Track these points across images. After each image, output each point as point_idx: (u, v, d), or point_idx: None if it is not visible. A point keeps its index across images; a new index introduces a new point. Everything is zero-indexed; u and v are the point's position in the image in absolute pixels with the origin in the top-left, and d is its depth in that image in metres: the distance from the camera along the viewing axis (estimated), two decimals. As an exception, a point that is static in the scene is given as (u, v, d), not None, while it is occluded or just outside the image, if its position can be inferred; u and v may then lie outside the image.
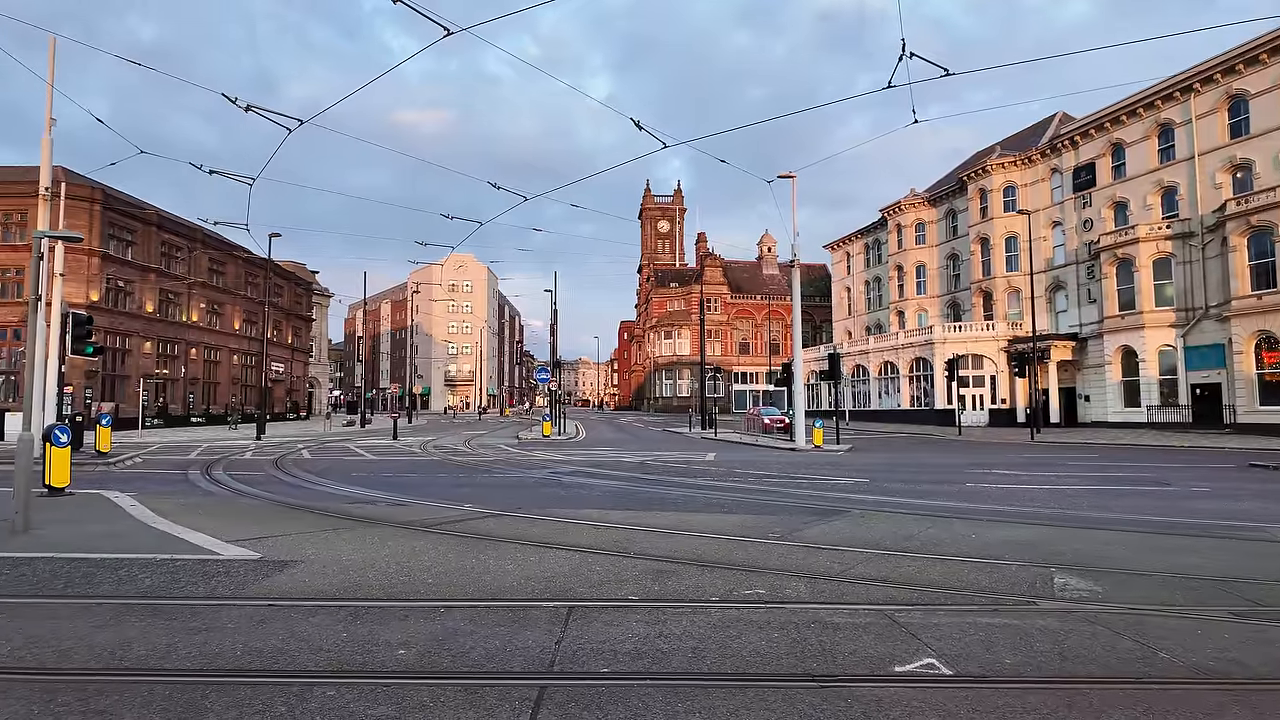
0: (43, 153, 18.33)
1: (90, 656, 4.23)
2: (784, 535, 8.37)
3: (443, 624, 4.91)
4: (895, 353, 50.50)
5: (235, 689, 3.75)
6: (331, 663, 4.16)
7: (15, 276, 37.65)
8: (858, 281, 65.32)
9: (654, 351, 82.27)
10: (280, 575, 6.30)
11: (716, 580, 6.19)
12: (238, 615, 5.09)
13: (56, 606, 5.30)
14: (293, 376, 60.55)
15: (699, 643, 4.52)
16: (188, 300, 45.85)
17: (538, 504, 11.23)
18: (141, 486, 13.05)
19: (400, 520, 9.39)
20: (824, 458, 21.85)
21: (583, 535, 8.32)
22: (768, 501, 11.74)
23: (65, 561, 6.73)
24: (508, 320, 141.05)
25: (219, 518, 9.37)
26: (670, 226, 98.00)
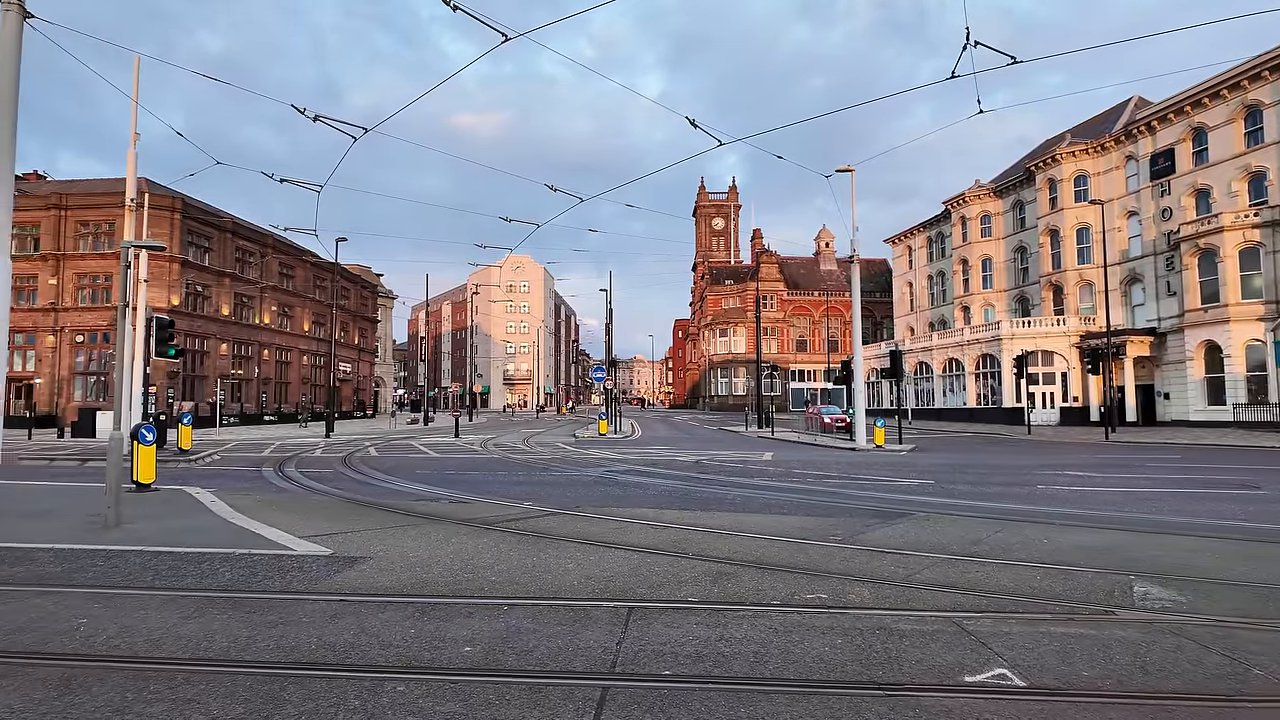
0: (128, 166, 19.37)
1: (178, 647, 4.45)
2: (845, 538, 8.23)
3: (506, 622, 5.00)
4: (960, 349, 49.06)
5: (311, 682, 3.90)
6: (400, 658, 4.28)
7: (104, 283, 39.93)
8: (920, 276, 63.71)
9: (709, 349, 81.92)
10: (350, 571, 6.51)
11: (777, 583, 6.12)
12: (312, 610, 5.29)
13: (146, 598, 5.60)
14: (359, 376, 62.53)
15: (761, 647, 4.49)
16: (260, 303, 47.81)
17: (594, 502, 11.32)
18: (220, 483, 13.67)
19: (462, 518, 9.60)
20: (886, 458, 21.39)
21: (640, 535, 8.34)
22: (828, 503, 11.55)
23: (153, 555, 7.11)
24: (563, 320, 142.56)
25: (292, 514, 9.75)
26: (725, 223, 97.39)
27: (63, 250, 39.93)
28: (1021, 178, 50.94)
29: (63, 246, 39.96)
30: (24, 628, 4.82)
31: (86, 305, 39.84)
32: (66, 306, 39.67)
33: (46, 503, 10.82)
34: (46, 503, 10.82)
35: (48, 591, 5.77)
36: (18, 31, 10.17)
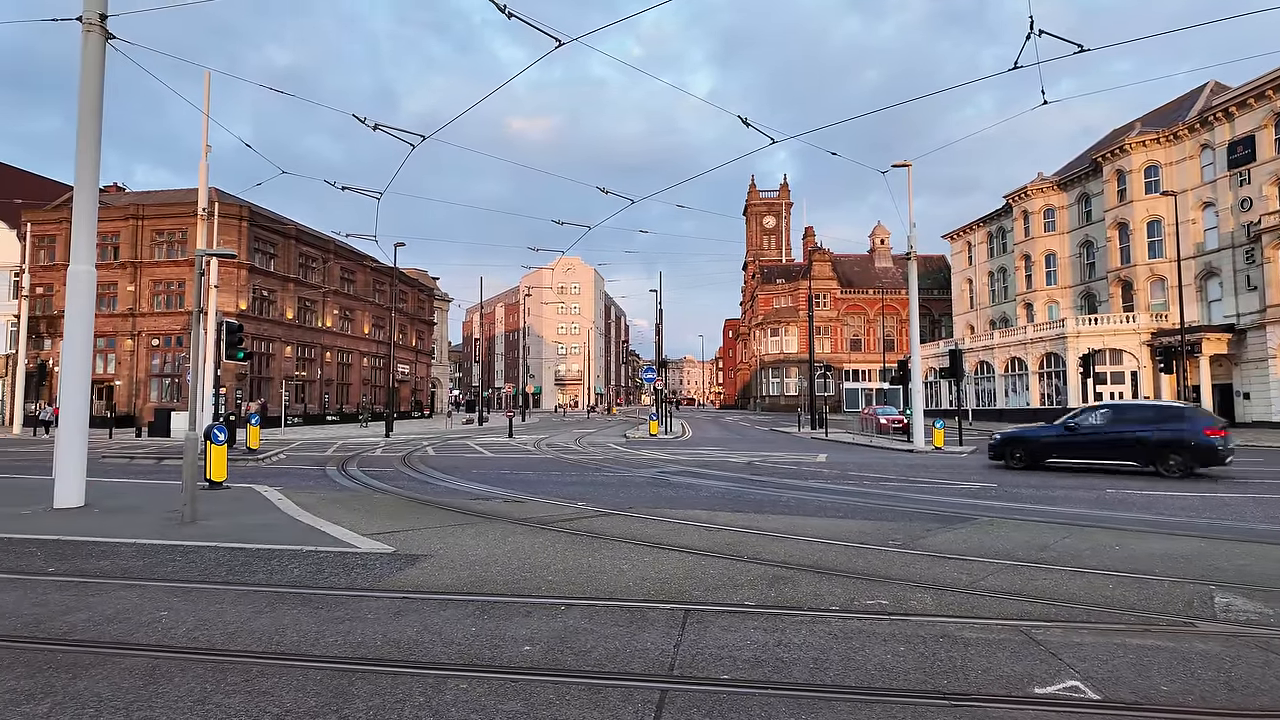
0: (200, 177, 20.24)
1: (252, 640, 4.63)
2: (905, 543, 8.05)
3: (564, 622, 5.05)
4: (1023, 348, 47.50)
5: (377, 677, 4.01)
6: (463, 656, 4.36)
7: (178, 289, 41.81)
8: (980, 273, 61.93)
9: (760, 349, 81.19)
10: (412, 569, 6.68)
11: (835, 589, 6.03)
12: (376, 606, 5.44)
13: (222, 592, 5.84)
14: (416, 377, 64.01)
15: (820, 653, 4.43)
16: (323, 307, 49.36)
17: (647, 503, 11.34)
18: (286, 481, 14.16)
19: (518, 517, 9.73)
20: (945, 460, 20.85)
21: (694, 537, 8.32)
22: (886, 506, 11.33)
23: (226, 550, 7.41)
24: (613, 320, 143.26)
25: (355, 512, 10.04)
26: (776, 222, 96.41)
27: (139, 258, 41.95)
28: (1087, 169, 49.04)
29: (140, 254, 41.99)
30: (112, 618, 5.08)
31: (161, 310, 41.77)
32: (143, 312, 41.67)
33: (128, 499, 11.39)
34: (128, 499, 11.39)
35: (132, 585, 6.07)
36: (100, 52, 10.73)
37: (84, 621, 5.00)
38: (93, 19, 10.71)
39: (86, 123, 10.51)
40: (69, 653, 4.38)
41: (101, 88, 10.74)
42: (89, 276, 10.73)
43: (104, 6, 10.87)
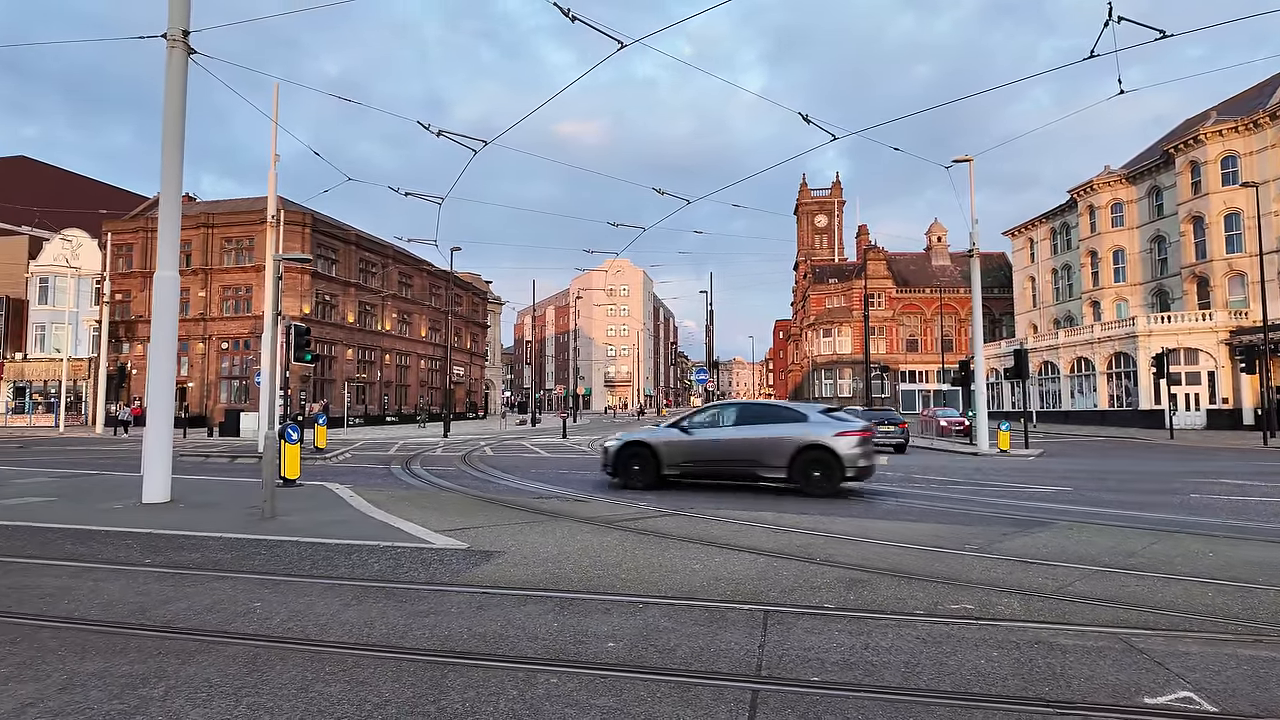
0: (269, 185, 20.98)
1: (344, 632, 4.75)
2: (982, 547, 7.82)
3: (644, 620, 5.05)
4: (1090, 348, 45.80)
5: (469, 670, 4.07)
6: (549, 650, 4.40)
7: (245, 294, 43.41)
8: (1043, 270, 59.96)
9: (812, 350, 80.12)
10: (487, 565, 6.77)
11: (916, 592, 5.89)
12: (458, 601, 5.53)
13: (308, 585, 6.02)
14: (471, 379, 65.14)
15: (910, 657, 4.32)
16: (382, 311, 50.65)
17: (709, 504, 11.27)
18: (354, 479, 14.54)
19: (582, 516, 9.79)
20: (1012, 463, 20.22)
21: (762, 538, 8.24)
22: (956, 510, 11.04)
23: (308, 545, 7.64)
24: (662, 322, 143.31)
25: (425, 509, 10.24)
26: (828, 220, 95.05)
27: (210, 265, 43.72)
28: (1158, 161, 47.02)
29: (210, 261, 43.77)
30: (210, 608, 5.29)
31: (230, 315, 43.45)
32: (214, 316, 43.40)
33: (210, 495, 11.86)
34: (210, 495, 11.86)
35: (224, 577, 6.30)
36: (184, 66, 11.21)
37: (184, 611, 5.21)
38: (176, 35, 11.20)
39: (170, 133, 10.99)
40: (175, 640, 4.57)
41: (184, 100, 11.22)
42: (173, 281, 11.21)
43: (187, 23, 11.36)
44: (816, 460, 12.54)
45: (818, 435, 12.64)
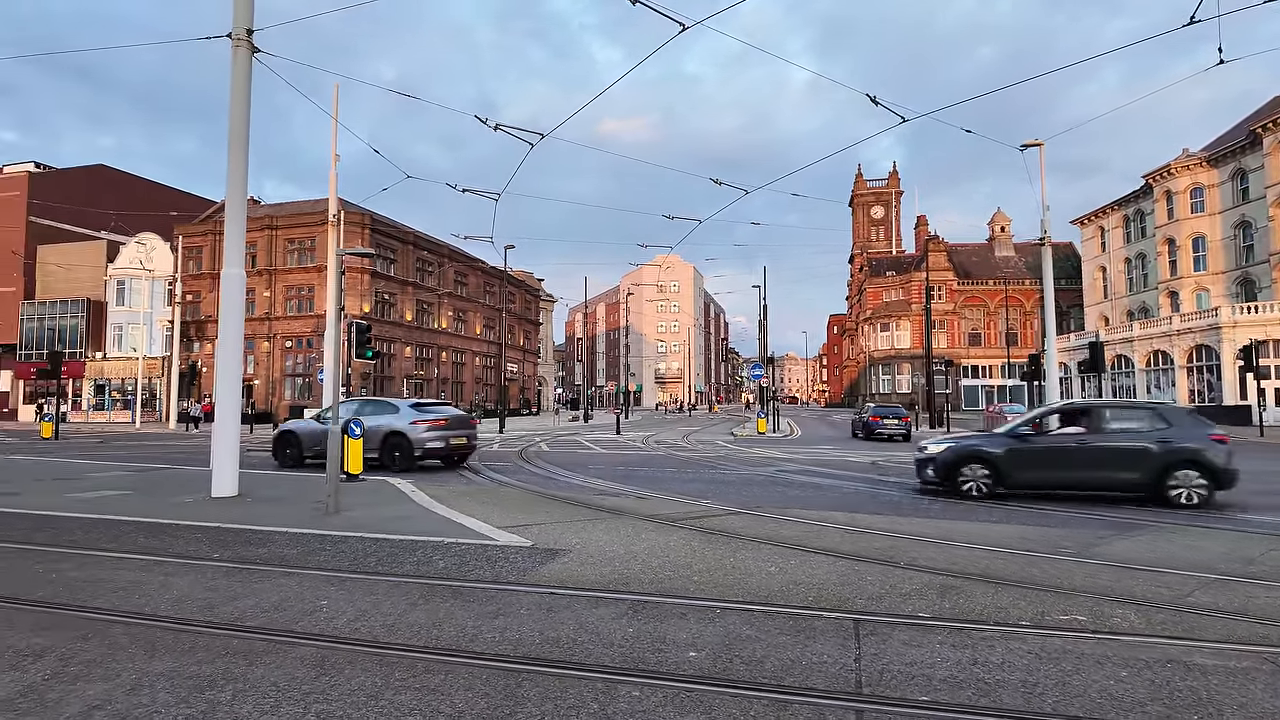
0: (330, 185, 21.30)
1: (411, 634, 4.56)
2: (1078, 551, 7.25)
3: (723, 626, 4.73)
4: (1168, 340, 43.49)
5: (544, 679, 3.82)
6: (626, 659, 4.12)
7: (307, 294, 44.52)
8: (1115, 260, 57.25)
9: (869, 345, 78.33)
10: (553, 563, 6.54)
11: (1017, 601, 5.42)
12: (527, 602, 5.30)
13: (374, 583, 5.88)
14: (524, 376, 65.69)
15: (1027, 675, 3.90)
16: (438, 309, 51.38)
17: (774, 503, 10.88)
18: (414, 475, 14.56)
19: (645, 513, 9.52)
20: (1089, 461, 19.16)
21: (837, 540, 7.82)
22: (1041, 510, 10.38)
23: (372, 541, 7.55)
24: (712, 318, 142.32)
25: (486, 505, 10.11)
26: (885, 211, 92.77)
27: (274, 265, 44.98)
28: (1243, 142, 44.30)
29: (274, 262, 45.02)
30: (277, 606, 5.17)
31: (294, 314, 44.62)
32: (278, 315, 44.64)
33: (275, 490, 11.99)
34: (275, 490, 11.99)
35: (290, 573, 6.22)
36: (248, 65, 11.32)
37: (251, 608, 5.11)
38: (241, 35, 11.31)
39: (236, 130, 11.10)
40: (242, 639, 4.44)
41: (249, 98, 11.33)
42: (239, 279, 11.34)
43: (250, 22, 11.46)
44: (403, 445, 15.15)
45: (398, 424, 15.33)
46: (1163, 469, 10.72)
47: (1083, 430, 11.52)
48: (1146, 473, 10.83)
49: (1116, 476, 11.07)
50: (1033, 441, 11.58)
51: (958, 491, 11.60)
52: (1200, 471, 10.60)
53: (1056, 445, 11.45)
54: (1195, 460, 10.66)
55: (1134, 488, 11.00)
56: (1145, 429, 11.21)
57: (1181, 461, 10.68)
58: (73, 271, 49.99)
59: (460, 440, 16.07)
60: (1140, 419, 11.52)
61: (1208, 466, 10.60)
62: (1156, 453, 10.83)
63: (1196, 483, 10.59)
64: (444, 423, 15.75)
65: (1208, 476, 10.58)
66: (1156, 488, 10.75)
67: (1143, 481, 10.88)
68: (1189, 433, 10.98)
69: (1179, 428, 11.08)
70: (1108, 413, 11.84)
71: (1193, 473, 10.61)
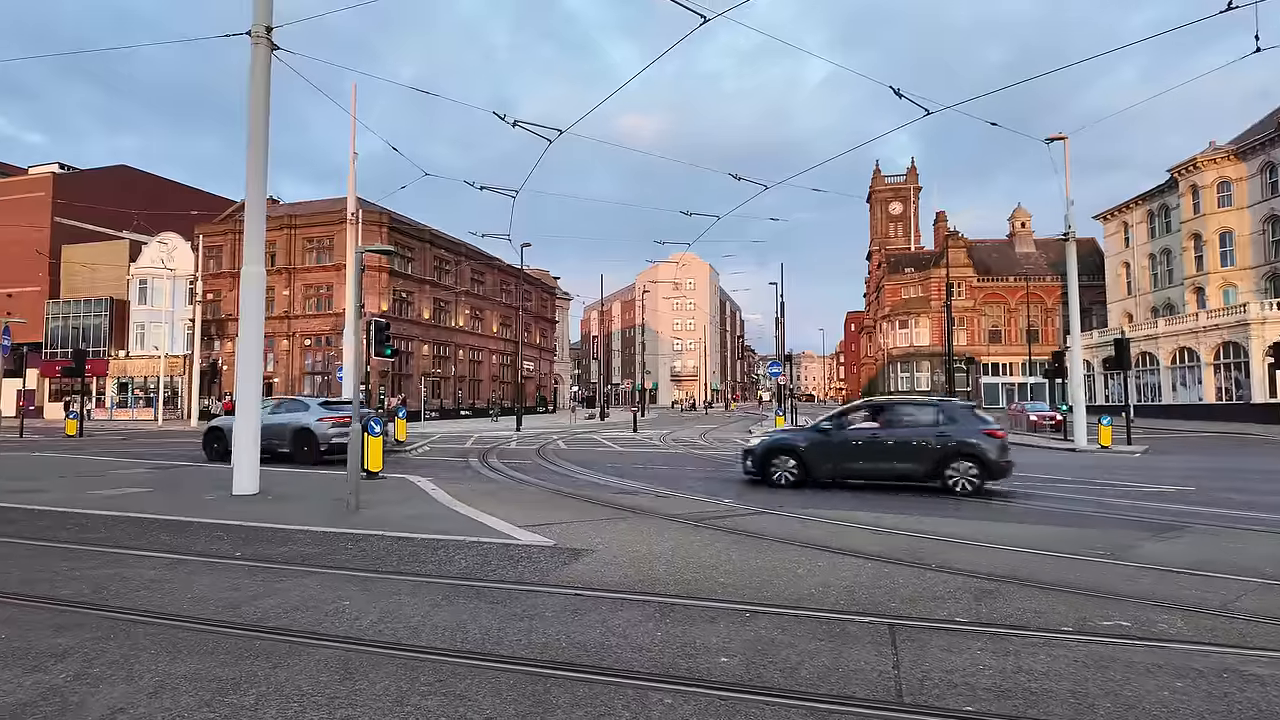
0: (349, 181, 21.37)
1: (435, 636, 4.47)
2: (1114, 553, 7.05)
3: (755, 631, 4.60)
4: (1194, 337, 42.69)
5: (573, 684, 3.71)
6: (656, 664, 4.00)
7: (326, 293, 44.78)
8: (1139, 255, 56.32)
9: (887, 342, 77.65)
10: (577, 564, 6.44)
11: (1056, 605, 5.25)
12: (551, 603, 5.20)
13: (397, 583, 5.80)
14: (540, 374, 65.76)
15: (1075, 684, 3.74)
16: (455, 307, 51.52)
17: (798, 504, 10.71)
18: (434, 472, 14.55)
19: (667, 513, 9.40)
20: (1117, 460, 18.82)
21: (864, 541, 7.66)
22: (1072, 511, 10.15)
23: (393, 540, 7.49)
24: (728, 315, 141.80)
25: (507, 504, 10.04)
26: (903, 208, 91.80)
27: (292, 264, 45.27)
28: (1272, 135, 43.37)
29: (292, 261, 45.31)
30: (299, 606, 5.11)
31: (313, 313, 44.90)
32: (297, 314, 44.94)
33: (296, 487, 11.99)
34: (296, 487, 11.99)
35: (311, 572, 6.16)
36: (267, 62, 11.31)
37: (274, 608, 5.05)
38: (260, 32, 11.31)
39: (255, 127, 11.10)
40: (265, 640, 4.37)
41: (268, 96, 11.32)
42: (260, 277, 11.34)
43: (270, 20, 11.45)
44: (309, 439, 16.65)
45: (307, 421, 16.83)
46: (941, 459, 11.66)
47: (878, 425, 12.39)
48: (928, 463, 11.77)
49: (904, 466, 11.98)
50: (834, 435, 12.44)
51: (769, 481, 12.49)
52: (973, 462, 11.53)
53: (854, 439, 12.33)
54: (969, 453, 11.57)
55: (919, 477, 11.90)
56: (929, 424, 12.05)
57: (957, 453, 11.61)
58: (96, 271, 50.63)
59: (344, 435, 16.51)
60: (926, 415, 12.31)
61: (980, 458, 11.51)
62: (937, 445, 11.73)
63: (970, 472, 11.52)
64: (348, 420, 15.57)
65: (980, 467, 11.51)
66: (938, 476, 11.69)
67: (926, 471, 11.80)
68: (966, 428, 11.83)
69: (958, 423, 11.92)
70: (899, 409, 12.79)
71: (967, 463, 11.54)
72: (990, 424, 12.04)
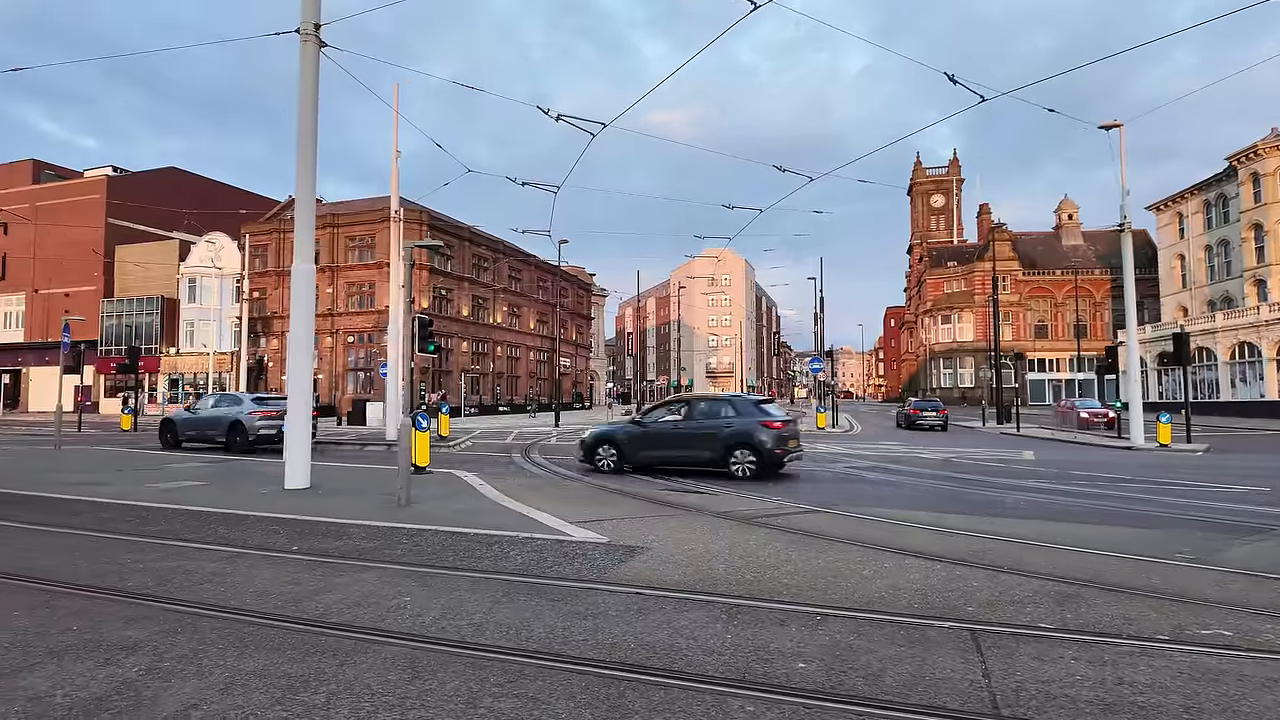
0: (392, 179, 21.54)
1: (500, 634, 4.38)
2: (1199, 558, 6.69)
3: (828, 635, 4.41)
4: (1256, 331, 41.02)
5: (648, 688, 3.57)
6: (731, 669, 3.84)
7: (368, 290, 45.42)
8: (1195, 247, 54.32)
9: (928, 338, 76.23)
10: (633, 561, 6.32)
11: (1145, 612, 4.96)
12: (613, 602, 5.08)
13: (454, 578, 5.74)
14: (577, 370, 65.96)
15: (1188, 699, 3.49)
16: (493, 304, 51.89)
17: (849, 500, 10.46)
18: (479, 467, 14.57)
19: (717, 510, 9.25)
20: (1179, 459, 18.10)
21: (928, 541, 7.41)
22: (1142, 512, 9.72)
23: (447, 535, 7.45)
24: (764, 311, 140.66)
25: (554, 499, 9.97)
26: (945, 200, 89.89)
27: (335, 262, 46.00)
28: (1342, 119, 41.35)
29: (335, 259, 46.05)
30: (360, 601, 5.06)
31: (355, 310, 45.60)
32: (340, 311, 45.67)
33: (346, 482, 12.10)
34: (346, 482, 12.10)
35: (369, 566, 6.14)
36: (315, 59, 11.39)
37: (336, 603, 5.01)
38: (309, 29, 11.39)
39: (305, 123, 11.19)
40: (330, 636, 4.32)
41: (317, 92, 11.40)
42: (310, 274, 11.44)
43: (318, 17, 11.53)
44: (241, 430, 18.43)
45: (239, 414, 18.62)
46: (726, 448, 13.01)
47: (680, 418, 13.83)
48: (716, 451, 13.12)
49: (697, 454, 13.34)
50: (647, 427, 13.84)
51: (596, 467, 13.87)
52: (751, 450, 12.86)
53: (661, 430, 13.74)
54: (747, 443, 12.90)
55: (709, 463, 13.23)
56: (720, 416, 13.44)
57: (738, 443, 12.94)
58: (148, 270, 52.09)
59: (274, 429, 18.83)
60: (718, 409, 13.66)
61: (756, 448, 12.85)
62: (723, 436, 13.10)
63: (748, 460, 12.86)
64: (275, 414, 18.47)
65: (756, 455, 12.84)
66: (724, 463, 13.01)
67: (715, 457, 13.14)
68: (748, 421, 13.13)
69: (742, 417, 13.28)
70: (696, 405, 14.03)
71: (746, 451, 12.88)
72: (770, 417, 13.23)
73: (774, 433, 12.96)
